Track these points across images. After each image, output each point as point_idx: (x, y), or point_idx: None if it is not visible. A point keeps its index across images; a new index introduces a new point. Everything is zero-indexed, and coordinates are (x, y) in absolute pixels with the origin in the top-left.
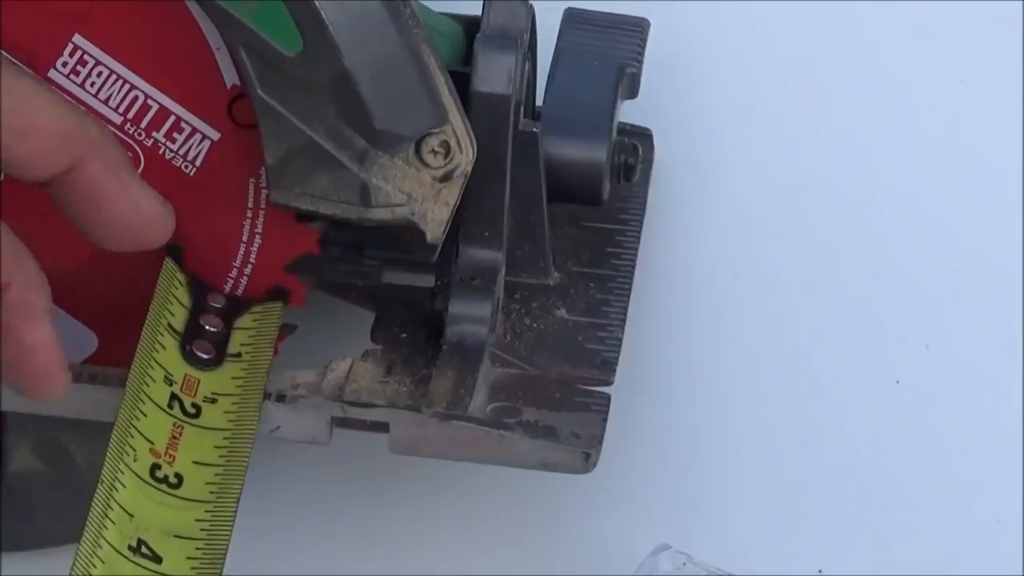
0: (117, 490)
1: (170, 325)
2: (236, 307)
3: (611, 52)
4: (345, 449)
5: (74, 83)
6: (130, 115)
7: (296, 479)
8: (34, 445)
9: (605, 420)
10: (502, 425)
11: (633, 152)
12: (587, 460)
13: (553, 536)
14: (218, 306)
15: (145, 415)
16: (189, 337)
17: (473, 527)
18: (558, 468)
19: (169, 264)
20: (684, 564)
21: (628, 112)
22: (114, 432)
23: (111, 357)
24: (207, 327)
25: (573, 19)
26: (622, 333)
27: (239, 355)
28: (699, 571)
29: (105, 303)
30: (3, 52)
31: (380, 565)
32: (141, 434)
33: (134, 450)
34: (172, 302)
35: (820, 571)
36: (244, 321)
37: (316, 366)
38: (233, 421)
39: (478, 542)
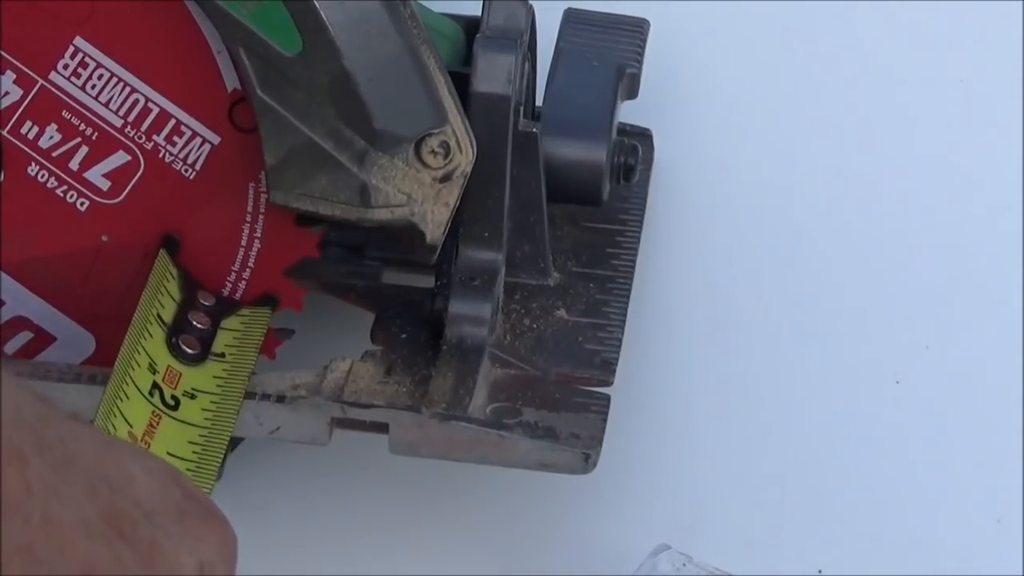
0: None
1: (159, 315)
2: (225, 307)
3: (611, 52)
4: (345, 450)
5: (75, 85)
6: (131, 118)
7: (296, 479)
8: None
9: (605, 421)
10: (502, 426)
11: (633, 152)
12: (587, 461)
13: (553, 536)
14: (208, 304)
15: (128, 397)
16: (176, 330)
17: (473, 527)
18: (558, 469)
19: (163, 256)
20: (684, 564)
21: (628, 112)
22: (100, 407)
23: (108, 358)
24: (195, 323)
25: (573, 19)
26: (622, 333)
27: (223, 355)
28: (699, 571)
29: (102, 305)
30: (5, 55)
31: (379, 566)
32: (123, 415)
33: (115, 429)
34: (163, 293)
35: (820, 571)
36: (231, 322)
37: (316, 367)
38: (210, 420)
39: (477, 542)
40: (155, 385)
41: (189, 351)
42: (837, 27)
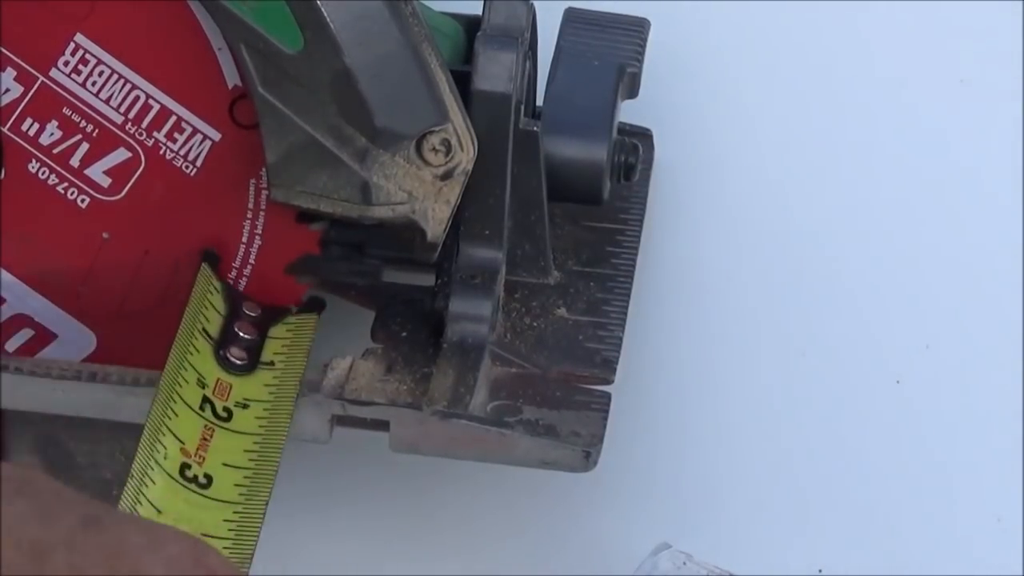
0: (147, 486)
1: (204, 329)
2: (271, 316)
3: (611, 52)
4: (345, 447)
5: (75, 82)
6: (131, 115)
7: (296, 477)
8: (34, 443)
9: (605, 419)
10: (502, 423)
11: (633, 152)
12: (587, 459)
13: (553, 536)
14: (253, 315)
15: (177, 415)
16: (223, 342)
17: (473, 526)
18: (558, 467)
19: (205, 270)
20: (684, 564)
21: (628, 112)
22: (146, 429)
23: (109, 356)
24: (241, 334)
25: (573, 19)
26: (622, 332)
27: (272, 363)
28: (699, 571)
29: (104, 303)
30: (5, 52)
31: (379, 564)
32: (172, 433)
33: (165, 448)
34: (207, 307)
35: (820, 571)
36: (278, 331)
37: (316, 364)
38: (264, 427)
39: (478, 541)
40: (206, 399)
41: (238, 362)
42: (837, 27)
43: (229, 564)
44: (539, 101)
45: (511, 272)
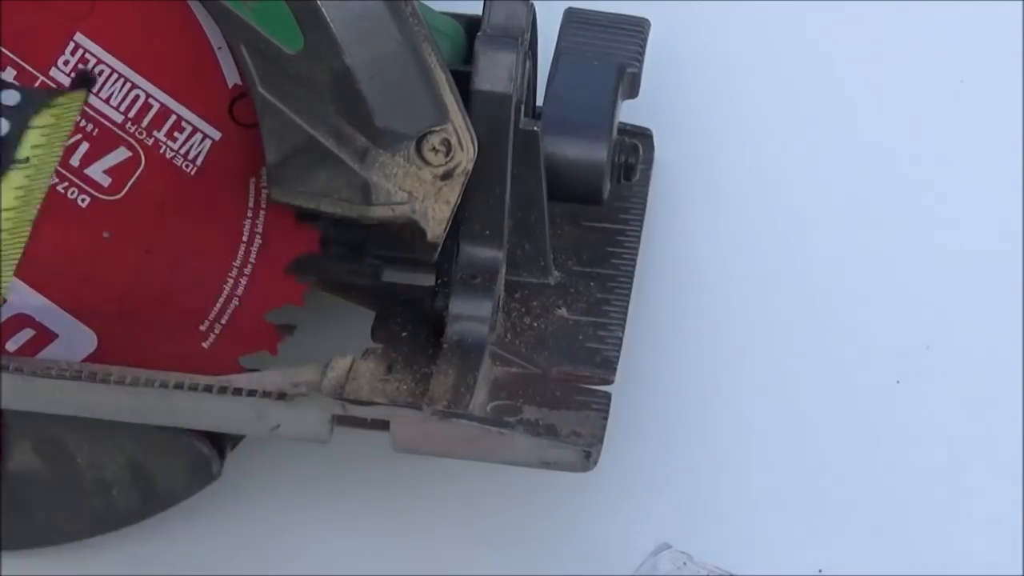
0: None
1: None
2: (33, 103)
3: (611, 52)
4: (346, 448)
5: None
6: (131, 114)
7: (296, 478)
8: (34, 443)
9: (605, 419)
10: (503, 423)
11: (633, 152)
12: (588, 458)
13: (553, 536)
14: (11, 105)
15: None
16: None
17: (473, 526)
18: (559, 466)
19: None
20: (684, 564)
21: (628, 112)
22: None
23: (110, 356)
24: None
25: (573, 19)
26: (622, 332)
27: (27, 160)
28: (699, 571)
29: (104, 303)
30: (5, 51)
31: (379, 564)
32: None
33: None
34: None
35: (820, 571)
36: (43, 118)
37: (317, 364)
38: (8, 231)
39: (478, 541)
40: None
41: None
42: (837, 27)
43: None
44: (539, 101)
45: (511, 272)
